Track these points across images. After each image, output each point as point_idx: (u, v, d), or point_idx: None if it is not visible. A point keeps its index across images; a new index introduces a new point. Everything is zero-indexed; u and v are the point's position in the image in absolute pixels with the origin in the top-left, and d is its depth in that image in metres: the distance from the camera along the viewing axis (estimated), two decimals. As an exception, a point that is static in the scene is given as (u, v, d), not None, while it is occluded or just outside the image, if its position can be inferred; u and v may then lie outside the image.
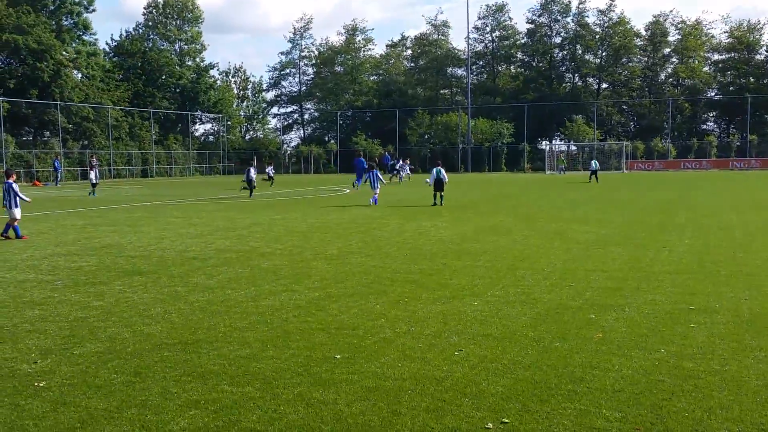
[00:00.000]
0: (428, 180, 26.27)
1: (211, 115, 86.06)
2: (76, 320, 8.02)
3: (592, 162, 49.11)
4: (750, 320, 7.55)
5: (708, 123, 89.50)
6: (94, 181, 36.41)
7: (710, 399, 5.27)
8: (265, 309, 8.43)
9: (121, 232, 17.51)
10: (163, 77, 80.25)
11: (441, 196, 24.90)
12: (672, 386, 5.56)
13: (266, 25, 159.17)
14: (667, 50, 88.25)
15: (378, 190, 25.92)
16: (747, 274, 10.28)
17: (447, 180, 25.30)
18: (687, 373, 5.84)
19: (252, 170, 32.92)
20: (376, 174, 26.07)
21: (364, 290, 9.49)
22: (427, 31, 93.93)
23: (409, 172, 51.09)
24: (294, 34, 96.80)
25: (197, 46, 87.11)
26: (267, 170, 46.57)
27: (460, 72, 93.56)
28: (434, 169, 25.18)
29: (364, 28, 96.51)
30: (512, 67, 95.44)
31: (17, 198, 16.30)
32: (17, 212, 16.24)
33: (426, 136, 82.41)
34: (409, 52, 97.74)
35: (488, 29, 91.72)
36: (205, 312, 8.33)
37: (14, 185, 16.45)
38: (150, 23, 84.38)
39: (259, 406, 5.27)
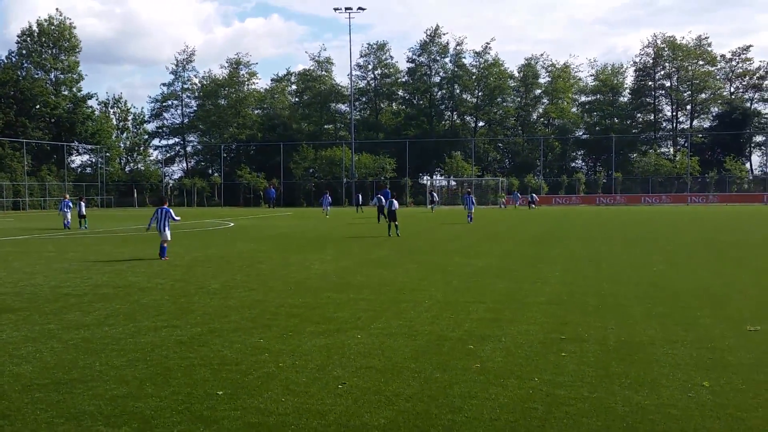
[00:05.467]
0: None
1: (89, 146, 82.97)
2: (-63, 362, 7.54)
3: (532, 195, 63.01)
4: (616, 348, 7.98)
5: (577, 161, 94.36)
6: None
7: (580, 425, 5.54)
8: (145, 345, 8.21)
9: (-12, 267, 16.57)
10: (37, 107, 76.94)
11: (396, 227, 25.40)
12: (545, 413, 5.80)
13: (155, 56, 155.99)
14: (538, 91, 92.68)
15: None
16: (613, 304, 10.86)
17: (397, 208, 26.19)
18: (559, 401, 6.11)
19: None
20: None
21: (248, 325, 9.40)
22: (311, 67, 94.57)
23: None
24: (177, 66, 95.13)
25: (74, 76, 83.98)
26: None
27: (343, 108, 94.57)
28: (389, 200, 26.06)
29: (248, 62, 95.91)
30: (394, 104, 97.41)
31: (168, 221, 18.49)
32: (168, 234, 18.43)
33: (311, 170, 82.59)
34: (294, 87, 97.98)
35: (370, 66, 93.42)
36: (80, 350, 8.02)
37: (170, 210, 18.79)
38: (24, 51, 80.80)
39: (137, 446, 5.13)
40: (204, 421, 5.64)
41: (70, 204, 34.90)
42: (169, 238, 18.50)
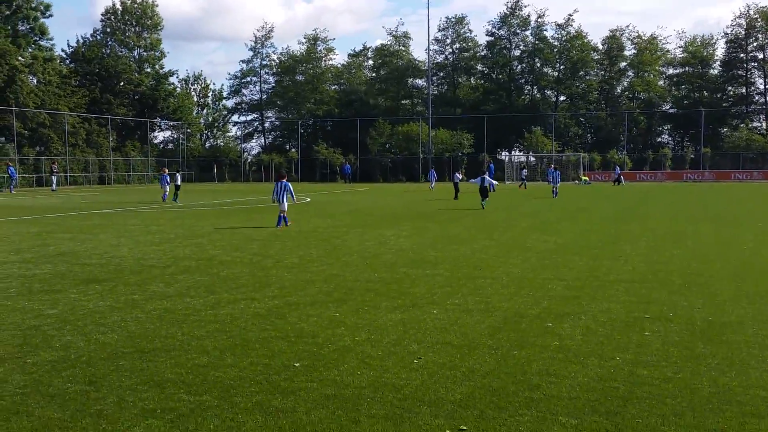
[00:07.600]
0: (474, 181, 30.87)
1: (171, 123, 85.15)
2: (30, 328, 7.87)
3: (617, 168, 65.85)
4: (703, 329, 7.70)
5: (663, 136, 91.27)
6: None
7: (664, 406, 5.37)
8: (224, 317, 8.37)
9: (77, 239, 17.22)
10: (121, 84, 79.25)
11: (486, 201, 28.36)
12: (627, 393, 5.65)
13: (237, 33, 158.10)
14: (623, 64, 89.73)
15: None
16: (700, 283, 10.49)
17: (494, 187, 29.57)
18: (641, 380, 5.94)
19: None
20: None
21: (324, 298, 9.48)
22: (389, 42, 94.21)
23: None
24: (255, 42, 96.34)
25: (156, 53, 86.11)
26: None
27: (420, 83, 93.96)
28: (480, 177, 29.08)
29: (325, 38, 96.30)
30: (472, 78, 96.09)
31: (287, 194, 20.16)
32: (285, 205, 20.20)
33: (387, 146, 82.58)
34: (371, 62, 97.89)
35: (448, 41, 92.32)
36: (163, 320, 8.24)
37: (289, 184, 20.40)
38: (108, 29, 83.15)
39: (216, 414, 5.23)
40: (282, 391, 5.71)
41: (168, 178, 36.70)
42: (285, 209, 20.18)
